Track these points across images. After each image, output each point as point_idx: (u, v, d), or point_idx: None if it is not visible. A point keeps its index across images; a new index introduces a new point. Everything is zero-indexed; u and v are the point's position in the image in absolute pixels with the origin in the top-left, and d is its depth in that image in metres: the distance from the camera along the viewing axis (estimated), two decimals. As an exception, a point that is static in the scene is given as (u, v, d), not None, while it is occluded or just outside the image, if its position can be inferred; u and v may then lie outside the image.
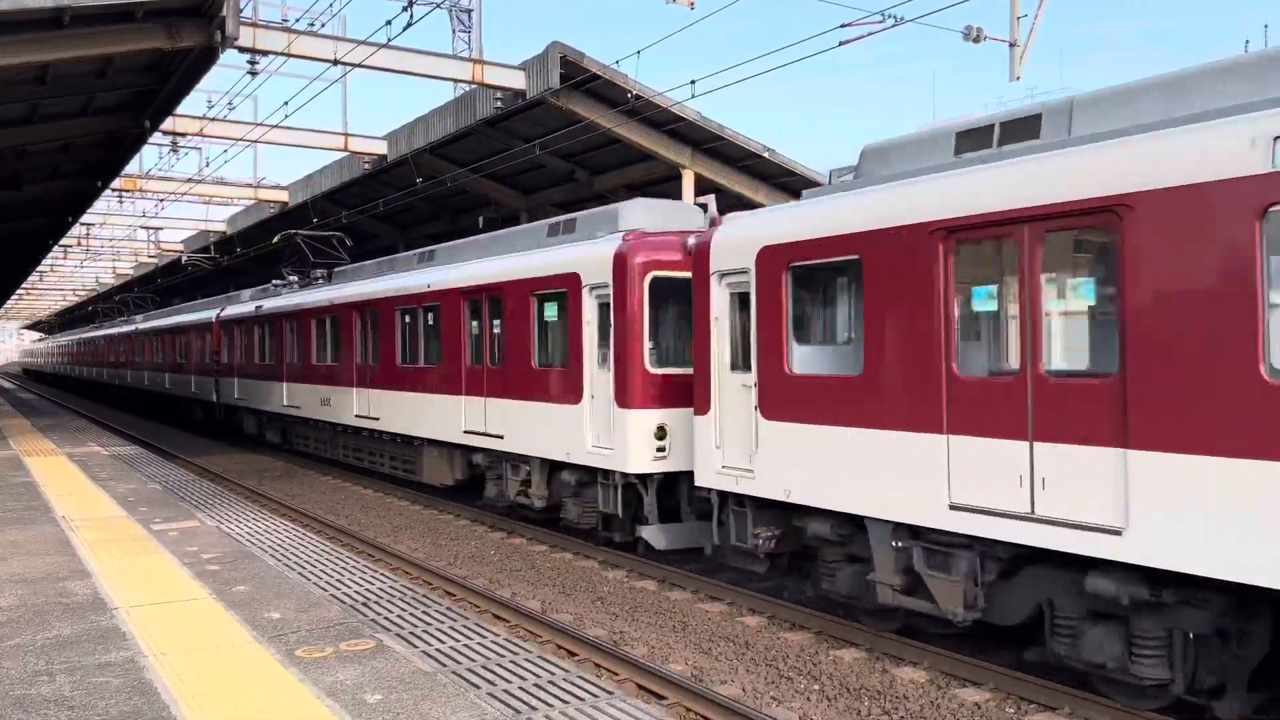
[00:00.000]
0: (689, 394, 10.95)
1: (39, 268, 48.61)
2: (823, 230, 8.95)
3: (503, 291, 14.32)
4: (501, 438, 14.31)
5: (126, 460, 17.64)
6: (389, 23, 14.26)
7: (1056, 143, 7.46)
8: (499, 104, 19.18)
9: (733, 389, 10.11)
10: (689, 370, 11.22)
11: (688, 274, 11.43)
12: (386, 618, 7.79)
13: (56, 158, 20.04)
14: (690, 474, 11.08)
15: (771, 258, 9.53)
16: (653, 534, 11.92)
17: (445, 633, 7.37)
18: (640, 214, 12.73)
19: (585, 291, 12.47)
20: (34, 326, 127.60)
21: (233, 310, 28.84)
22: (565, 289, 12.92)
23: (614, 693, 5.93)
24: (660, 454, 11.68)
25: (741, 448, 9.94)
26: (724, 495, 10.37)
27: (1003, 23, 13.80)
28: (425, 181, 23.58)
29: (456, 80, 19.47)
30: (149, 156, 36.40)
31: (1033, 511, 7.07)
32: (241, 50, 15.83)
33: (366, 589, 8.75)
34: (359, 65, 16.58)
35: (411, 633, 7.35)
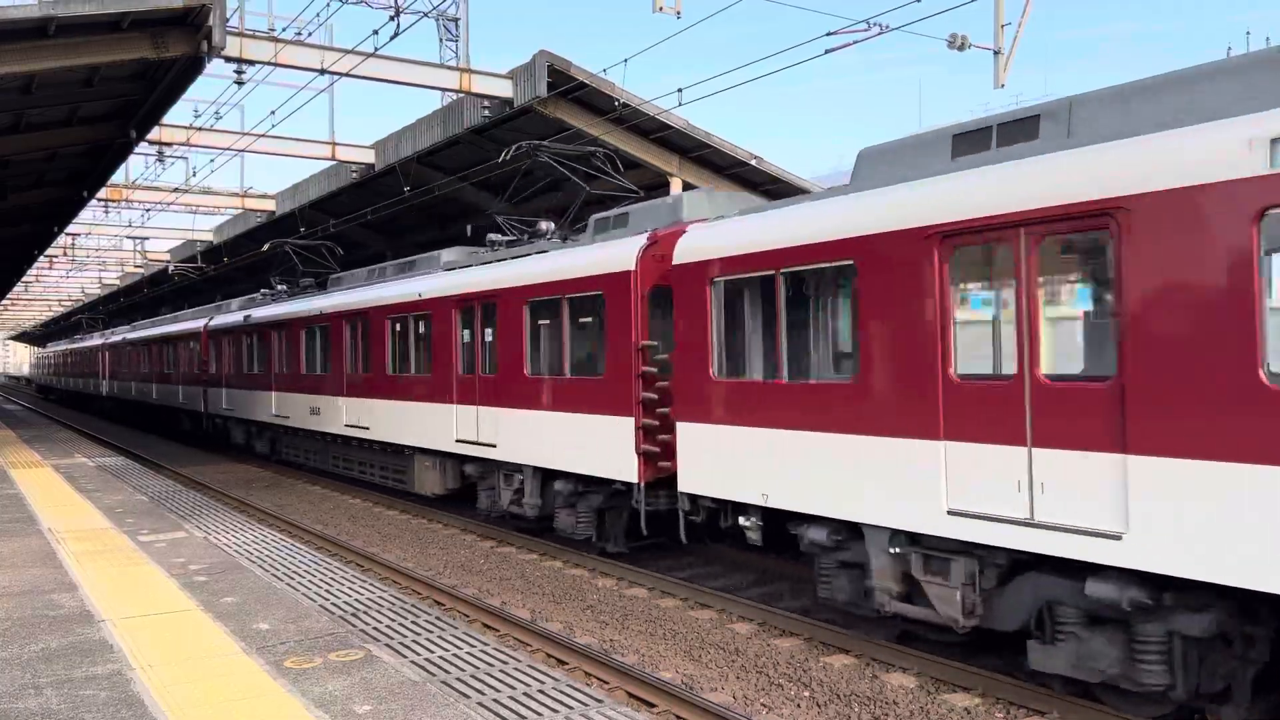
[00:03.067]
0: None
1: (24, 278, 48.38)
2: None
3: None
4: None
5: (113, 471, 17.54)
6: (376, 32, 14.28)
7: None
8: (487, 112, 19.19)
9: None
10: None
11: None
12: (375, 628, 7.76)
13: (42, 167, 19.97)
14: None
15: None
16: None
17: (434, 642, 7.35)
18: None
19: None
20: (19, 338, 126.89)
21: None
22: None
23: (604, 701, 5.92)
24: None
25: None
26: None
27: (988, 30, 13.88)
28: (413, 190, 23.57)
29: (444, 89, 19.46)
30: (135, 166, 36.37)
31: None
32: (228, 59, 15.80)
33: (355, 599, 8.72)
34: (346, 74, 16.57)
35: (401, 642, 7.33)
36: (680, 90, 13.98)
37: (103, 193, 26.09)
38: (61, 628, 6.93)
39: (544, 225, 15.53)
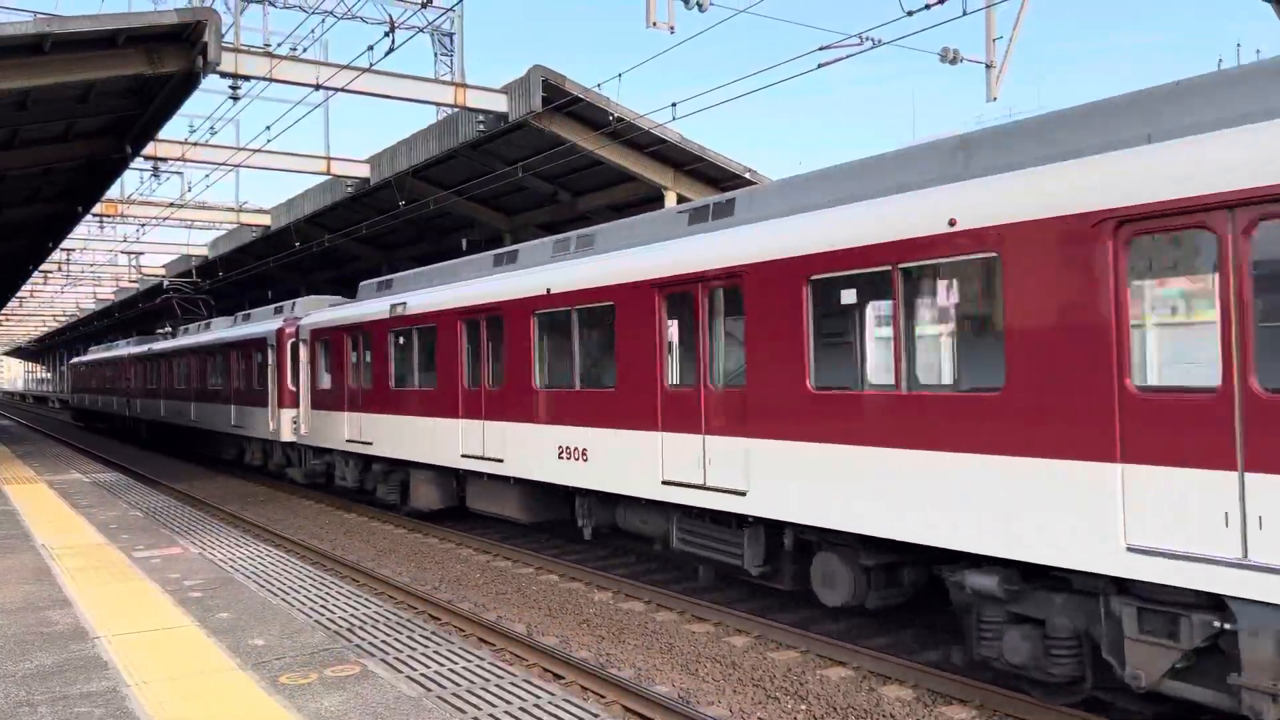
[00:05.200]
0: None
1: (18, 293, 48.32)
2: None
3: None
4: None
5: (107, 487, 17.49)
6: (371, 47, 14.33)
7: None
8: (481, 127, 19.26)
9: None
10: None
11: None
12: (371, 643, 7.74)
13: (37, 182, 19.98)
14: None
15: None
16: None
17: (430, 657, 7.33)
18: None
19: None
20: (14, 353, 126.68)
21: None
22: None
23: (600, 715, 5.91)
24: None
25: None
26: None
27: (980, 43, 13.97)
28: (408, 204, 23.62)
29: (439, 103, 19.55)
30: (130, 181, 36.45)
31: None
32: (223, 75, 15.87)
33: (350, 614, 8.70)
34: (341, 89, 16.63)
35: (396, 657, 7.31)
36: (674, 104, 14.05)
37: (98, 208, 26.09)
38: (56, 644, 6.91)
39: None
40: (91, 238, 34.78)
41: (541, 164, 20.05)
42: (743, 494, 9.52)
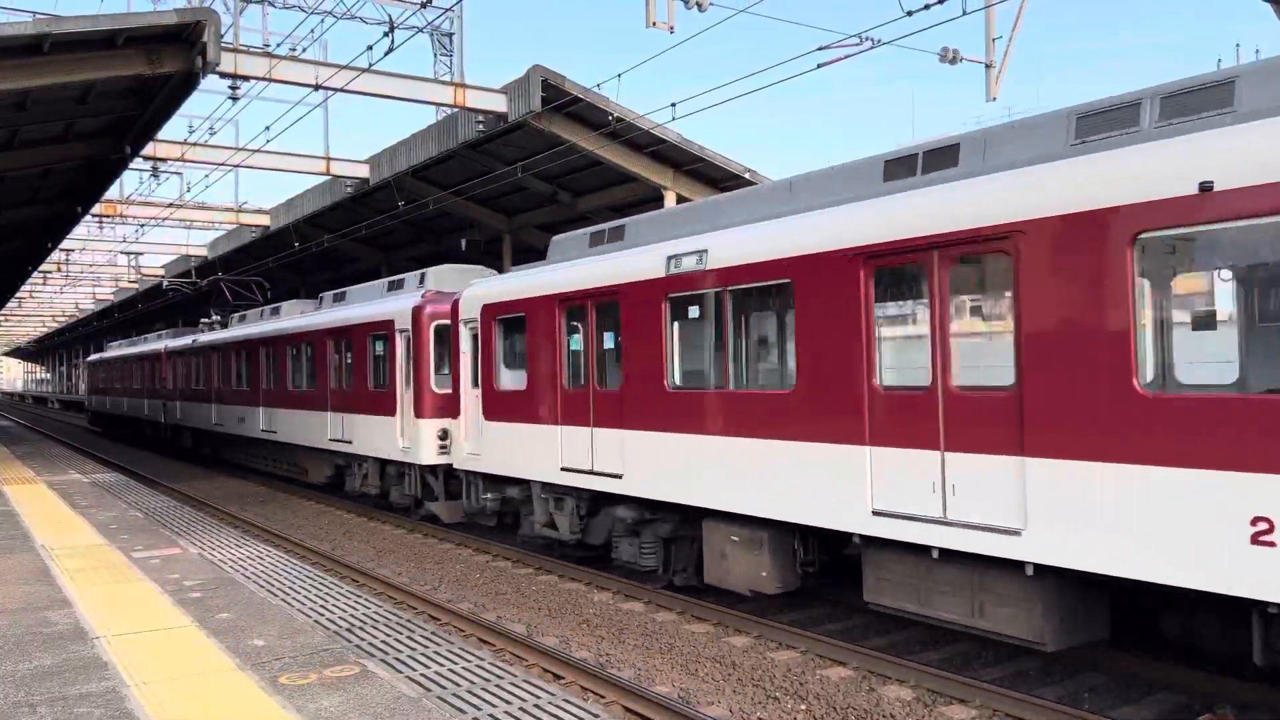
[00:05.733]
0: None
1: (17, 294, 48.30)
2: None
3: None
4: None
5: (106, 487, 17.49)
6: (370, 47, 14.32)
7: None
8: (481, 127, 19.25)
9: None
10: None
11: None
12: (371, 643, 7.74)
13: (36, 183, 19.97)
14: None
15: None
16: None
17: (430, 657, 7.33)
18: None
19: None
20: (13, 353, 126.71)
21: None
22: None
23: (600, 715, 5.91)
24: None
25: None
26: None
27: (980, 44, 13.97)
28: (407, 204, 23.61)
29: (438, 104, 19.53)
30: (129, 181, 36.08)
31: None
32: (223, 75, 15.85)
33: (350, 614, 8.70)
34: (340, 90, 16.62)
35: (396, 658, 7.31)
36: (674, 104, 14.05)
37: (97, 208, 26.09)
38: (55, 645, 6.90)
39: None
40: (91, 238, 34.76)
41: (541, 164, 20.05)
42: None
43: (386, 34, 13.90)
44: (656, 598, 11.56)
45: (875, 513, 8.31)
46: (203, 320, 31.47)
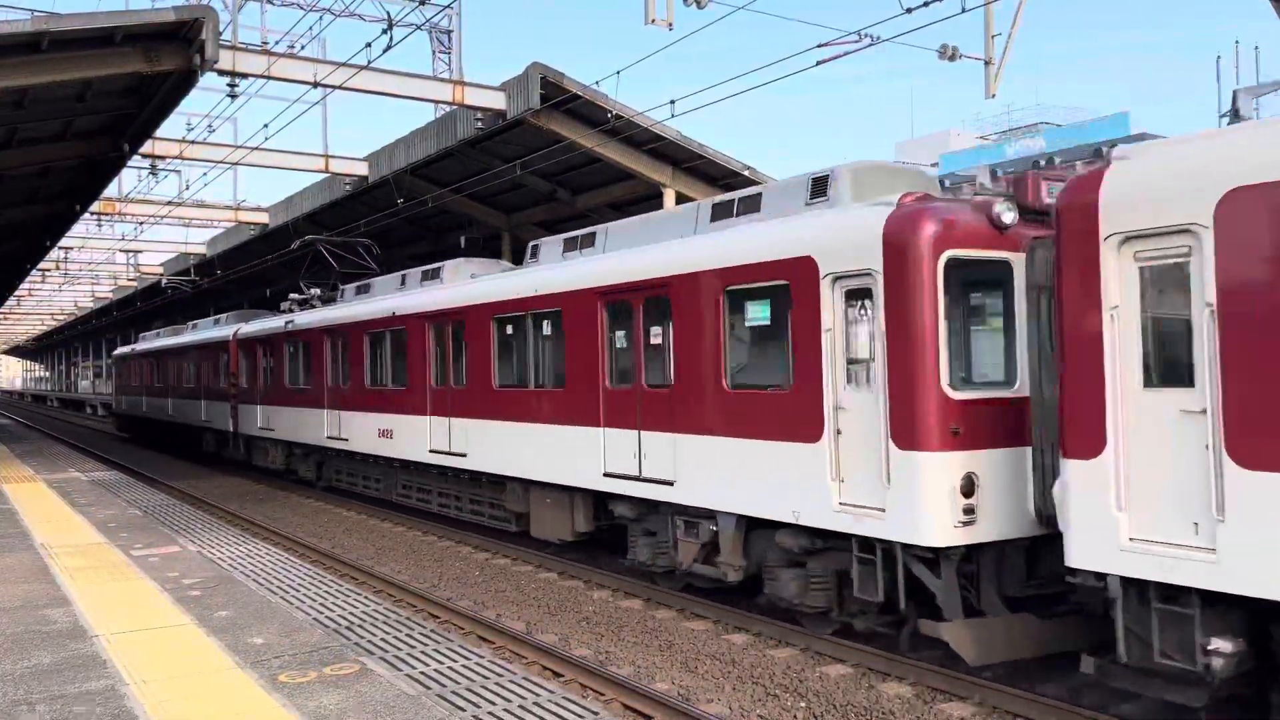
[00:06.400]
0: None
1: (15, 292, 48.28)
2: None
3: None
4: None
5: (106, 485, 17.49)
6: (369, 45, 14.30)
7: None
8: (480, 125, 19.23)
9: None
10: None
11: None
12: (370, 641, 7.74)
13: (35, 182, 19.96)
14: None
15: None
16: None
17: (429, 655, 7.33)
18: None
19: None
20: (11, 352, 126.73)
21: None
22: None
23: (599, 713, 5.92)
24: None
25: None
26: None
27: (979, 40, 13.96)
28: (406, 202, 23.59)
29: (437, 101, 19.51)
30: (128, 179, 35.80)
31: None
32: (221, 73, 15.83)
33: (350, 612, 8.70)
34: (339, 87, 16.60)
35: (396, 656, 7.31)
36: (673, 102, 14.05)
37: (95, 206, 26.08)
38: (54, 643, 6.90)
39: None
40: (89, 236, 34.73)
41: (540, 162, 20.03)
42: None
43: (385, 31, 13.89)
44: (656, 595, 11.57)
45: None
46: (292, 296, 23.46)
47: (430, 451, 15.92)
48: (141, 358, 36.71)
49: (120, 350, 42.58)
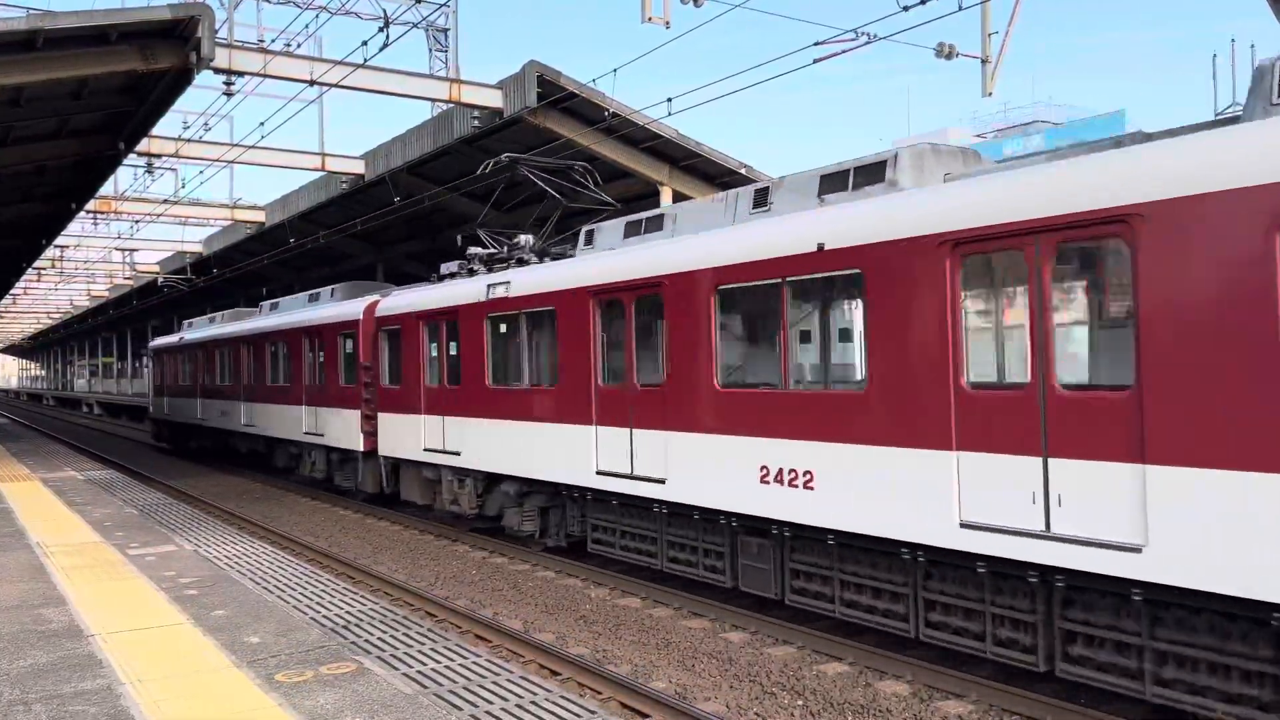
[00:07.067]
0: None
1: (11, 290, 48.18)
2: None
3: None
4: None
5: (102, 484, 17.46)
6: (365, 43, 14.28)
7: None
8: (476, 123, 19.21)
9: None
10: None
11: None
12: (367, 640, 7.73)
13: (30, 180, 19.91)
14: None
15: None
16: None
17: (427, 654, 7.32)
18: None
19: None
20: (7, 350, 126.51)
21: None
22: None
23: (597, 712, 5.91)
24: None
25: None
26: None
27: (976, 38, 13.95)
28: (403, 200, 23.57)
29: (434, 100, 19.49)
30: (124, 177, 35.52)
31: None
32: (217, 71, 15.80)
33: (347, 611, 8.69)
34: (335, 85, 16.57)
35: (393, 655, 7.31)
36: (670, 100, 14.03)
37: (91, 205, 26.02)
38: (50, 643, 6.89)
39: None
40: (85, 234, 34.65)
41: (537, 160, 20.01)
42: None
43: (381, 29, 13.86)
44: (653, 593, 11.57)
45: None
46: (473, 251, 16.25)
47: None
48: (194, 349, 29.08)
49: (160, 341, 34.58)
